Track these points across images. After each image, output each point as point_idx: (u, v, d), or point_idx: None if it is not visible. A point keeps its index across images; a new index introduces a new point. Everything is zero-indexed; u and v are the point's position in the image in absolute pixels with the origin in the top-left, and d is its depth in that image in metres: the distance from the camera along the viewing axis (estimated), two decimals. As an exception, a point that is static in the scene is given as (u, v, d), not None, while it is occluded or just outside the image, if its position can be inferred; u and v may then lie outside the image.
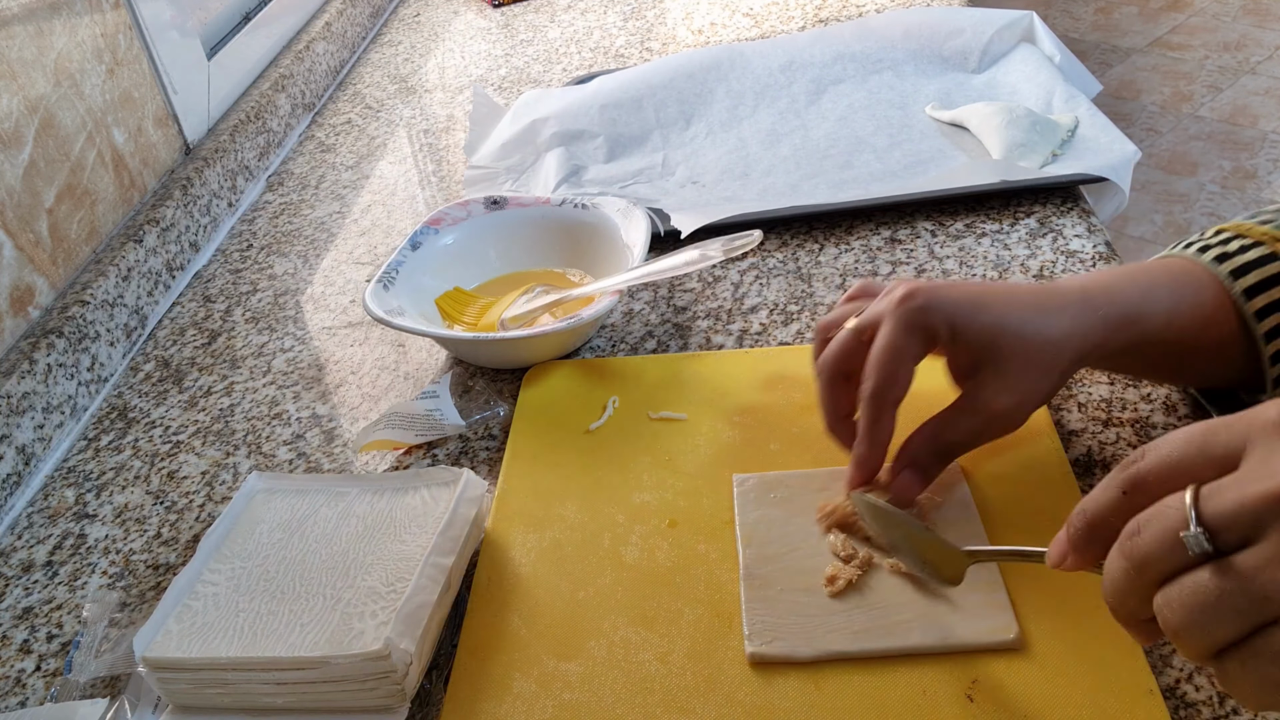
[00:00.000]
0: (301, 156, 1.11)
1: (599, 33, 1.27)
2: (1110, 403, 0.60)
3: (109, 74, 0.89)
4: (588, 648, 0.50)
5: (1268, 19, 3.16)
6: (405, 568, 0.52)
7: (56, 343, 0.74)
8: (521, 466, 0.62)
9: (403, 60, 1.32)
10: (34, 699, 0.55)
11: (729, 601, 0.51)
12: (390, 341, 0.78)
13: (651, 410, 0.64)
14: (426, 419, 0.66)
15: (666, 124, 0.98)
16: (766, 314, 0.73)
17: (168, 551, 0.63)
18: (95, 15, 0.88)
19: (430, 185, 1.01)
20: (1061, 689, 0.45)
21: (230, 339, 0.82)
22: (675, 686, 0.48)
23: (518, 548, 0.56)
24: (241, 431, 0.71)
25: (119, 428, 0.74)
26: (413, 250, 0.76)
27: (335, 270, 0.89)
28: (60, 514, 0.67)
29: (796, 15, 1.20)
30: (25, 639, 0.58)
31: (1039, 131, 0.83)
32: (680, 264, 0.67)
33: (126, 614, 0.58)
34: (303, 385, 0.75)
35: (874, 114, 0.94)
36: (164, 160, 0.96)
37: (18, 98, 0.77)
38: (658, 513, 0.57)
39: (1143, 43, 3.13)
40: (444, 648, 0.52)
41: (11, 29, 0.78)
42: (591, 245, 0.77)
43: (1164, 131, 2.71)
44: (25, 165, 0.77)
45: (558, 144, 0.96)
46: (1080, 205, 0.78)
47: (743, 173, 0.90)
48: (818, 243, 0.79)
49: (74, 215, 0.82)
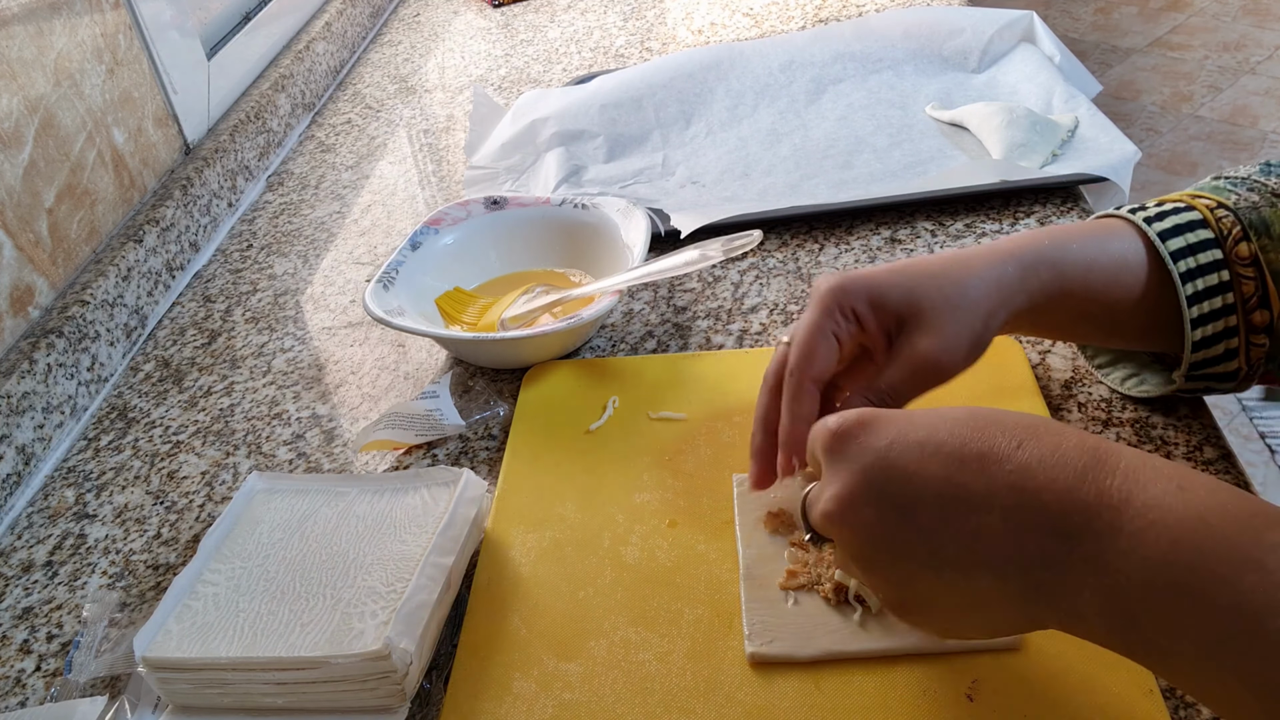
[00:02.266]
0: (301, 156, 1.11)
1: (599, 33, 1.27)
2: (1110, 402, 0.60)
3: (109, 74, 0.89)
4: (588, 648, 0.50)
5: (1267, 19, 3.16)
6: (405, 568, 0.52)
7: (56, 343, 0.74)
8: (521, 466, 0.62)
9: (403, 60, 1.32)
10: (34, 699, 0.55)
11: (729, 601, 0.51)
12: (390, 341, 0.78)
13: (651, 410, 0.64)
14: (426, 419, 0.66)
15: (666, 123, 0.98)
16: (766, 314, 0.73)
17: (168, 551, 0.63)
18: (95, 15, 0.88)
19: (430, 185, 1.01)
20: (1061, 688, 0.45)
21: (230, 339, 0.82)
22: (675, 686, 0.48)
23: (518, 547, 0.56)
24: (241, 431, 0.71)
25: (119, 428, 0.74)
26: (413, 250, 0.76)
27: (335, 270, 0.89)
28: (60, 514, 0.67)
29: (796, 15, 1.20)
30: (25, 639, 0.58)
31: (1039, 131, 0.83)
32: (680, 264, 0.67)
33: (126, 614, 0.58)
34: (303, 385, 0.75)
35: (874, 114, 0.94)
36: (164, 160, 0.96)
37: (18, 97, 0.77)
38: (658, 513, 0.57)
39: (1143, 43, 3.13)
40: (444, 647, 0.52)
41: (11, 29, 0.78)
42: (591, 245, 0.77)
43: (1164, 131, 2.71)
44: (25, 165, 0.77)
45: (558, 144, 0.96)
46: (1080, 205, 0.78)
47: (743, 172, 0.90)
48: (818, 243, 0.79)
49: (74, 215, 0.82)
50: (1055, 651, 0.46)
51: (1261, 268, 0.51)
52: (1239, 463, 0.55)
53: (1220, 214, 0.52)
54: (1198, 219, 0.52)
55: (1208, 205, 0.53)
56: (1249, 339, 0.52)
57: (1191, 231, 0.52)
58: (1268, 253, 0.51)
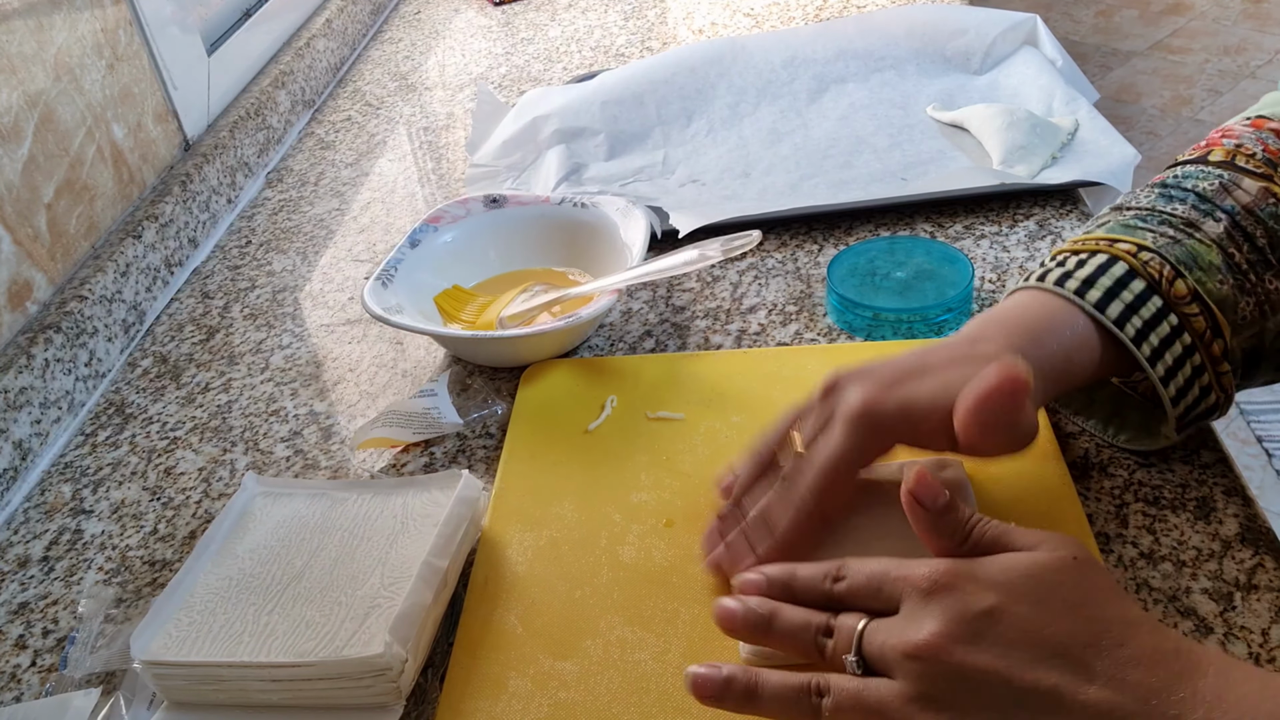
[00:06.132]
0: (301, 153, 1.11)
1: (600, 32, 1.27)
2: (1108, 406, 0.60)
3: (109, 69, 0.89)
4: (584, 647, 0.50)
5: (1268, 23, 3.16)
6: (402, 569, 0.52)
7: (54, 338, 0.74)
8: (519, 465, 0.62)
9: (403, 58, 1.32)
10: (29, 695, 0.55)
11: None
12: (388, 339, 0.78)
13: (649, 410, 0.64)
14: (424, 417, 0.66)
15: (667, 121, 0.98)
16: (765, 314, 0.73)
17: (164, 548, 0.63)
18: (95, 10, 0.88)
19: (430, 183, 1.01)
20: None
21: (228, 335, 0.82)
22: (671, 686, 0.48)
23: (514, 546, 0.56)
24: (239, 428, 0.71)
25: (116, 423, 0.74)
26: (412, 248, 0.76)
27: (334, 267, 0.89)
28: (57, 509, 0.67)
29: (797, 15, 1.20)
30: (21, 634, 0.58)
31: (1039, 134, 0.83)
32: (679, 263, 0.67)
33: (122, 610, 0.58)
34: (300, 382, 0.75)
35: (875, 113, 0.94)
36: (163, 156, 0.96)
37: (17, 92, 0.77)
38: (655, 512, 0.57)
39: (1143, 46, 3.13)
40: (440, 645, 0.52)
41: (11, 23, 0.78)
42: (591, 244, 0.77)
43: (1164, 135, 2.71)
44: (24, 160, 0.77)
45: (558, 141, 0.96)
46: (1080, 208, 0.78)
47: (743, 171, 0.89)
48: (817, 243, 0.79)
49: (73, 210, 0.82)
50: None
51: (1204, 299, 0.49)
52: (1236, 466, 0.55)
53: (1145, 257, 0.50)
54: (1126, 271, 0.50)
55: (1129, 251, 0.50)
56: (1215, 370, 0.50)
57: (1126, 289, 0.50)
58: (1205, 284, 0.49)
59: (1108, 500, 0.53)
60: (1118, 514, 0.52)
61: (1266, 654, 0.45)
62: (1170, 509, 0.52)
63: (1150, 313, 0.49)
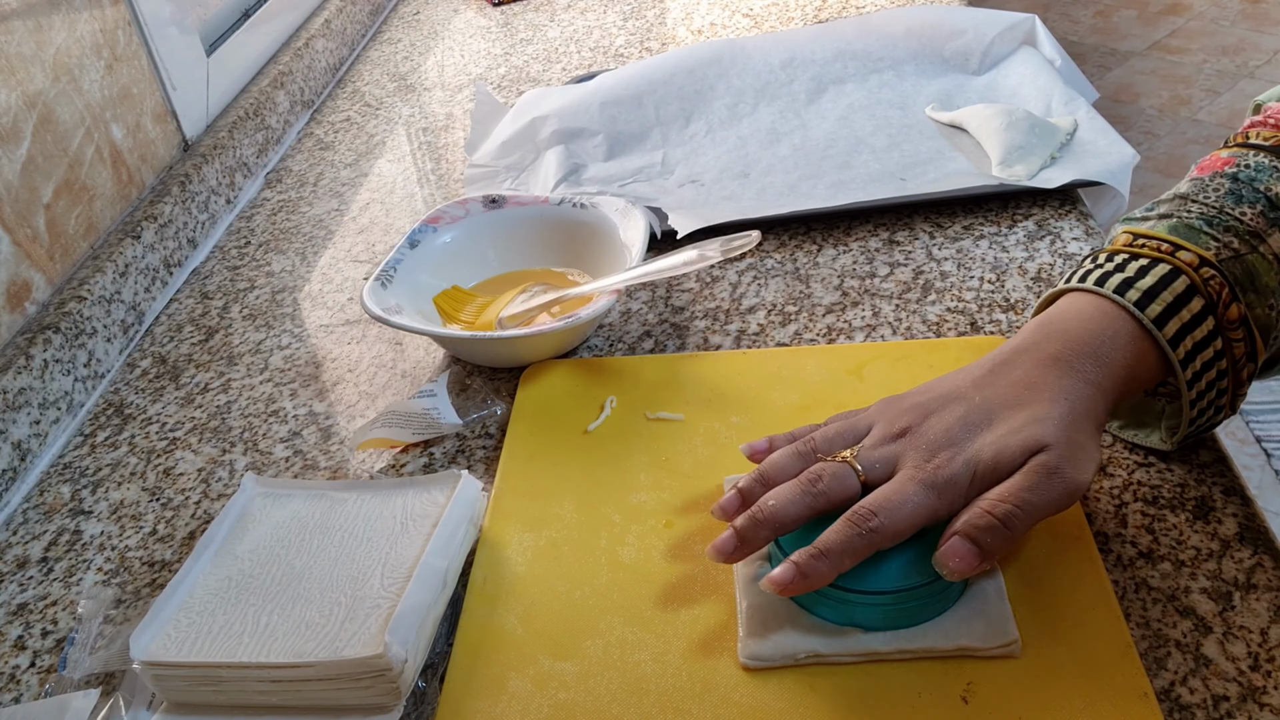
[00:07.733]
0: (300, 154, 1.11)
1: (599, 32, 1.27)
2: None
3: (108, 70, 0.89)
4: (583, 647, 0.50)
5: (1266, 23, 3.16)
6: (401, 569, 0.52)
7: (53, 338, 0.74)
8: (518, 466, 0.62)
9: (402, 58, 1.32)
10: (28, 695, 0.54)
11: (725, 602, 0.51)
12: (388, 339, 0.78)
13: (649, 410, 0.64)
14: (423, 417, 0.66)
15: (666, 121, 0.98)
16: (764, 314, 0.73)
17: (163, 548, 0.63)
18: (94, 10, 0.88)
19: (429, 183, 1.01)
20: (1056, 691, 0.45)
21: (227, 336, 0.82)
22: (670, 687, 0.48)
23: (514, 547, 0.56)
24: (238, 429, 0.71)
25: (115, 424, 0.74)
26: (411, 248, 0.76)
27: (333, 268, 0.89)
28: (56, 510, 0.67)
29: (796, 16, 1.20)
30: (20, 635, 0.58)
31: (1038, 134, 0.83)
32: (678, 264, 0.67)
33: (122, 610, 0.58)
34: (300, 383, 0.75)
35: (874, 114, 0.94)
36: (162, 156, 0.96)
37: (16, 93, 0.77)
38: (654, 513, 0.57)
39: (1141, 46, 3.14)
40: (439, 646, 0.52)
41: (10, 24, 0.77)
42: (590, 245, 0.77)
43: (1162, 135, 2.71)
44: (23, 160, 0.77)
45: (557, 142, 0.96)
46: (1079, 208, 0.78)
47: (742, 172, 0.89)
48: (816, 244, 0.79)
49: (72, 211, 0.82)
50: (1050, 654, 0.46)
51: (1249, 326, 0.49)
52: (1235, 466, 0.55)
53: (1206, 274, 0.49)
54: (1187, 287, 0.49)
55: (1191, 264, 0.49)
56: (1235, 392, 0.50)
57: (1185, 307, 0.49)
58: (1254, 309, 0.49)
59: (1107, 500, 0.53)
60: (1117, 513, 0.52)
61: (1266, 654, 0.45)
62: (1169, 509, 0.52)
63: (1202, 335, 0.49)
